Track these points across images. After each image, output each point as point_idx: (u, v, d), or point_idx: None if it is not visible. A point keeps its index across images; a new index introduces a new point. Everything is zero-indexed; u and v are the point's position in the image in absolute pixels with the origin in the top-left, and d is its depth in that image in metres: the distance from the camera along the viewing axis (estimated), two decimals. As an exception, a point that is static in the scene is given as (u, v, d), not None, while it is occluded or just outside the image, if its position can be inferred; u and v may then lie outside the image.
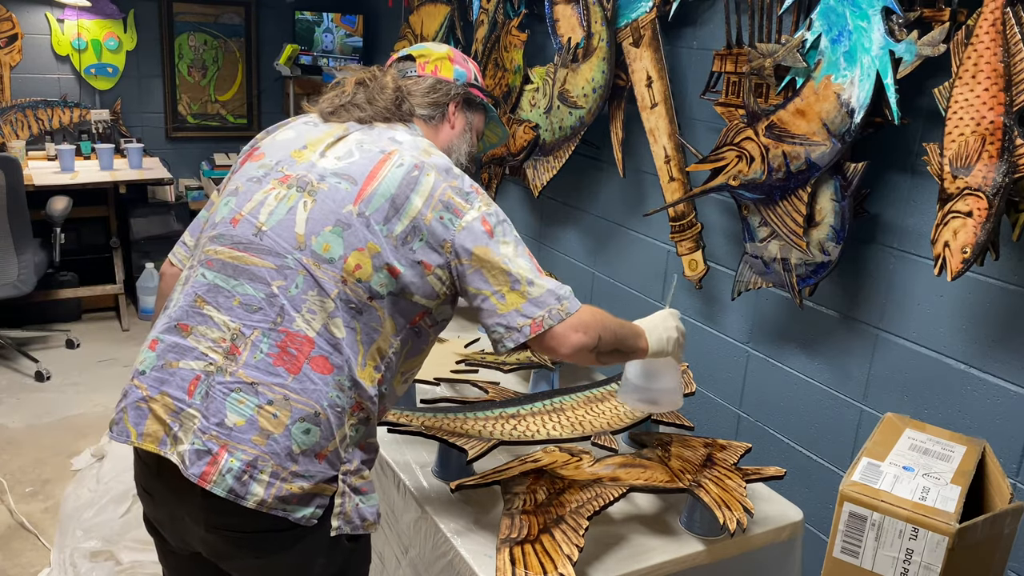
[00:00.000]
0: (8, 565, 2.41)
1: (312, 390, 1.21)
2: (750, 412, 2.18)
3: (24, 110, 4.08)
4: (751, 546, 1.53)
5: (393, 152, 1.32)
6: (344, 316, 1.24)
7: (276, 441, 1.19)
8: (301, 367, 1.21)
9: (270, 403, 1.20)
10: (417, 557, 1.55)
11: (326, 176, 1.30)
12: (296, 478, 1.20)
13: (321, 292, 1.24)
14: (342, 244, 1.25)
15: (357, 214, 1.26)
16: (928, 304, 1.72)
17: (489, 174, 2.98)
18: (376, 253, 1.25)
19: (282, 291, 1.24)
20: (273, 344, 1.22)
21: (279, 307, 1.23)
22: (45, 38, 4.11)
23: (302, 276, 1.24)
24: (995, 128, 1.43)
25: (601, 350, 1.35)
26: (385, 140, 1.35)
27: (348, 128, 1.39)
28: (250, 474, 1.18)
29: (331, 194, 1.28)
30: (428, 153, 1.34)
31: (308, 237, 1.25)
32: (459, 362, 1.99)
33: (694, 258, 2.22)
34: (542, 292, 1.28)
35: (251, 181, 1.34)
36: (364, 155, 1.32)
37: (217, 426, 1.19)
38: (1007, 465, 1.58)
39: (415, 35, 3.33)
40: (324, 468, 1.23)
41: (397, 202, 1.27)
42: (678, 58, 2.23)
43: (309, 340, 1.22)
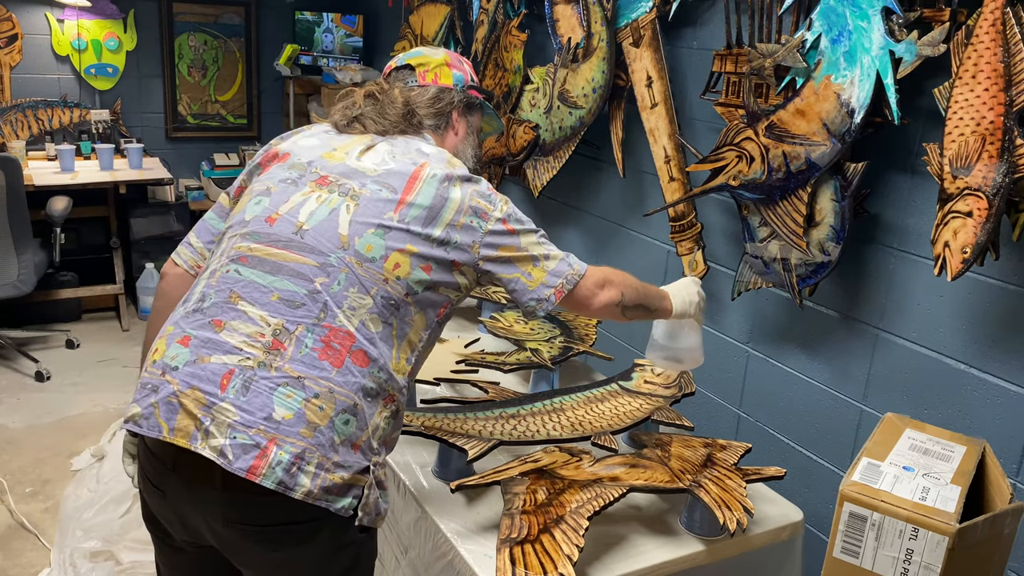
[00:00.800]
0: (8, 565, 2.41)
1: (352, 382, 1.26)
2: (750, 412, 2.18)
3: (24, 110, 4.08)
4: (751, 546, 1.53)
5: (424, 164, 1.39)
6: (382, 312, 1.30)
7: (322, 433, 1.22)
8: (344, 361, 1.26)
9: (316, 396, 1.23)
10: (417, 557, 1.55)
11: (367, 183, 1.36)
12: (338, 468, 1.23)
13: (361, 289, 1.29)
14: (384, 245, 1.31)
15: (398, 220, 1.33)
16: (928, 304, 1.72)
17: (489, 174, 2.98)
18: (415, 254, 1.33)
19: (325, 287, 1.28)
20: (318, 339, 1.26)
21: (322, 303, 1.27)
22: (45, 38, 4.11)
23: (344, 274, 1.29)
24: (995, 128, 1.43)
25: (626, 304, 1.50)
26: (413, 151, 1.42)
27: (373, 138, 1.45)
28: (298, 466, 1.20)
29: (373, 199, 1.34)
30: (452, 164, 1.42)
31: (352, 238, 1.31)
32: (459, 362, 1.99)
33: (694, 258, 2.22)
34: (557, 262, 1.42)
35: (285, 183, 1.39)
36: (399, 164, 1.39)
37: (265, 420, 1.20)
38: (1007, 465, 1.58)
39: (415, 35, 3.33)
40: (359, 458, 1.26)
41: (433, 212, 1.35)
42: (678, 58, 2.23)
43: (350, 334, 1.27)
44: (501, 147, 2.75)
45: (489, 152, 2.83)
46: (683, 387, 1.86)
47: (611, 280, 1.48)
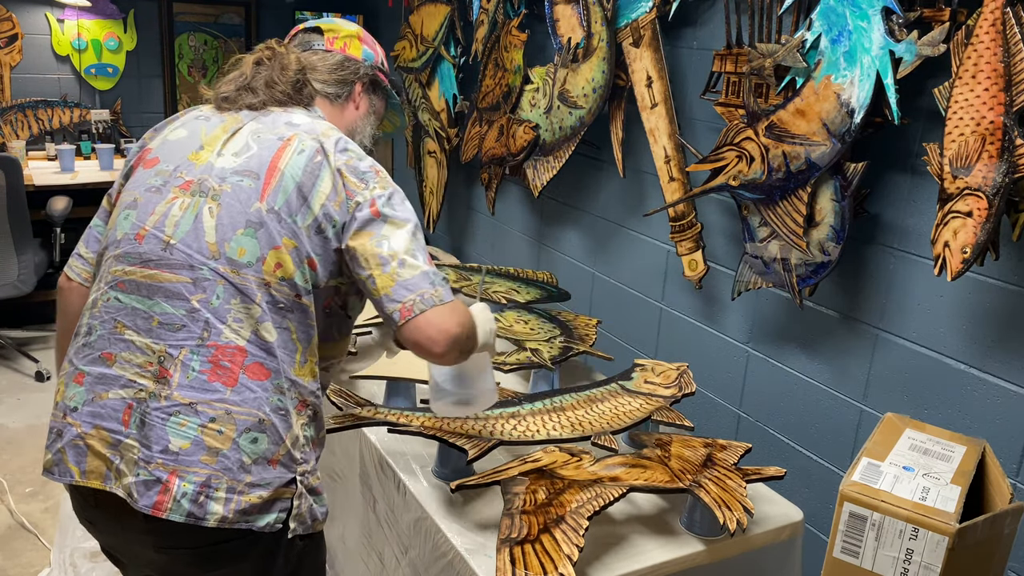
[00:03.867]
0: (8, 565, 2.41)
1: (252, 399, 1.18)
2: (750, 412, 2.18)
3: (24, 110, 4.08)
4: (751, 546, 1.53)
5: (292, 138, 1.27)
6: (273, 318, 1.20)
7: (226, 457, 1.16)
8: (238, 378, 1.18)
9: (212, 420, 1.17)
10: (417, 557, 1.55)
11: (227, 176, 1.24)
12: (253, 488, 1.17)
13: (244, 299, 1.19)
14: (257, 245, 1.20)
15: (267, 210, 1.21)
16: (928, 304, 1.72)
17: (489, 174, 2.98)
18: (294, 248, 1.21)
19: (203, 304, 1.19)
20: (205, 360, 1.18)
21: (203, 321, 1.18)
22: (45, 38, 4.10)
23: (221, 286, 1.19)
24: (995, 128, 1.43)
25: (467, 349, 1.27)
26: (282, 126, 1.30)
27: (242, 119, 1.32)
28: (206, 494, 1.15)
29: (235, 194, 1.22)
30: (327, 135, 1.30)
31: (221, 244, 1.20)
32: (459, 362, 1.99)
33: (694, 258, 2.22)
34: (415, 274, 1.21)
35: (150, 191, 1.27)
36: (262, 145, 1.27)
37: (162, 453, 1.15)
38: (1007, 465, 1.58)
39: (415, 35, 3.33)
40: (280, 473, 1.20)
41: (304, 190, 1.23)
42: (678, 58, 2.23)
43: (241, 349, 1.19)
44: (501, 147, 2.75)
45: (489, 152, 2.83)
46: (683, 387, 1.86)
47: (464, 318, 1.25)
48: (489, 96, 2.85)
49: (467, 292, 2.40)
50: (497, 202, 3.05)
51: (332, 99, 1.43)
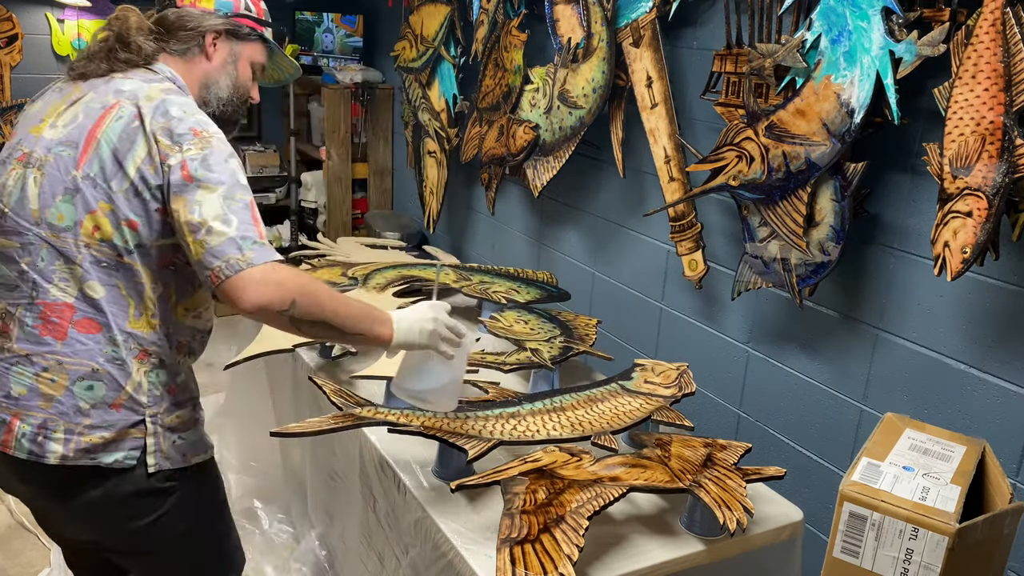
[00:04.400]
0: (8, 565, 2.41)
1: (83, 351, 1.30)
2: (750, 412, 2.18)
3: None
4: (751, 546, 1.53)
5: (114, 105, 1.33)
6: (99, 276, 1.30)
7: (60, 402, 1.30)
8: (67, 332, 1.30)
9: (45, 370, 1.30)
10: (417, 557, 1.55)
11: (52, 147, 1.33)
12: (93, 430, 1.30)
13: (67, 261, 1.30)
14: (74, 211, 1.29)
15: (83, 177, 1.29)
16: (928, 304, 1.72)
17: (489, 174, 2.98)
18: (110, 211, 1.29)
19: (30, 266, 1.31)
20: (36, 317, 1.31)
21: (31, 282, 1.31)
22: (45, 38, 4.10)
23: (45, 249, 1.30)
24: (995, 128, 1.43)
25: (297, 316, 1.27)
26: (110, 93, 1.35)
27: (83, 89, 1.39)
28: (44, 435, 1.30)
29: (56, 164, 1.32)
30: (151, 98, 1.33)
31: (42, 211, 1.31)
32: (459, 362, 1.99)
33: (694, 258, 2.22)
34: (222, 240, 1.23)
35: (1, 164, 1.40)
36: (86, 115, 1.33)
37: (5, 398, 1.32)
38: (1007, 465, 1.58)
39: (415, 35, 3.33)
40: (124, 415, 1.33)
41: (119, 156, 1.29)
42: (678, 58, 2.23)
43: (69, 306, 1.30)
44: (501, 147, 2.75)
45: (489, 152, 2.83)
46: (683, 387, 1.86)
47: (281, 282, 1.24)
48: (489, 96, 2.85)
49: (467, 292, 2.40)
50: (497, 202, 3.05)
51: (181, 54, 1.46)
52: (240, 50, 1.53)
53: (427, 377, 1.48)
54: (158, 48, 1.44)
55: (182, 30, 1.45)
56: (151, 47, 1.43)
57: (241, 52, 1.53)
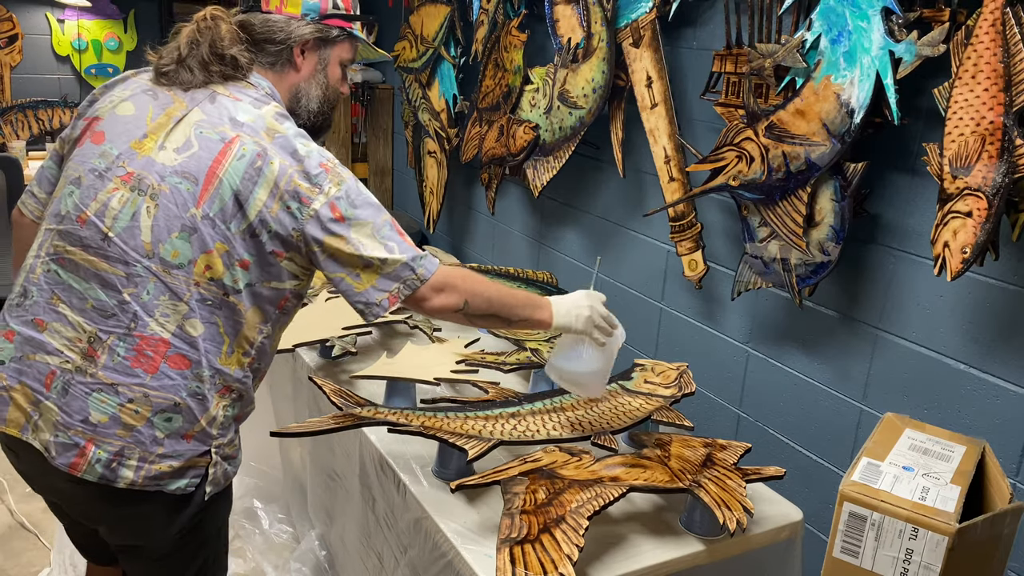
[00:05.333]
0: (8, 565, 2.41)
1: (170, 385, 1.29)
2: (750, 412, 2.18)
3: (24, 110, 4.08)
4: (751, 546, 1.53)
5: (234, 139, 1.29)
6: (202, 313, 1.29)
7: (140, 432, 1.28)
8: (159, 367, 1.28)
9: (131, 401, 1.28)
10: (417, 557, 1.55)
11: (166, 176, 1.29)
12: (164, 459, 1.30)
13: (173, 296, 1.28)
14: (190, 249, 1.28)
15: (202, 216, 1.27)
16: (928, 304, 1.72)
17: (489, 174, 2.98)
18: (225, 252, 1.28)
19: (134, 297, 1.28)
20: (130, 348, 1.28)
21: (132, 313, 1.28)
22: (45, 38, 4.11)
23: (153, 283, 1.28)
24: (995, 128, 1.43)
25: (471, 312, 1.40)
26: (227, 122, 1.31)
27: (186, 105, 1.34)
28: (118, 462, 1.28)
29: (173, 197, 1.28)
30: (271, 133, 1.30)
31: (155, 245, 1.27)
32: (459, 362, 1.99)
33: (694, 258, 2.22)
34: (396, 266, 1.31)
35: (93, 174, 1.33)
36: (204, 146, 1.29)
37: (82, 423, 1.27)
38: (1007, 465, 1.58)
39: (415, 35, 3.33)
40: (193, 446, 1.32)
41: (241, 198, 1.27)
42: (678, 58, 2.23)
43: (164, 341, 1.28)
44: (501, 147, 2.75)
45: (489, 152, 2.83)
46: (683, 387, 1.86)
47: (454, 285, 1.38)
48: (489, 96, 2.85)
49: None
50: (497, 202, 3.05)
51: (269, 67, 1.42)
52: (329, 55, 1.47)
53: (580, 361, 1.59)
54: (251, 59, 1.39)
55: (269, 43, 1.40)
56: (246, 59, 1.38)
57: (330, 56, 1.47)
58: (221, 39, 1.36)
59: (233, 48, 1.36)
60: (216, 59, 1.36)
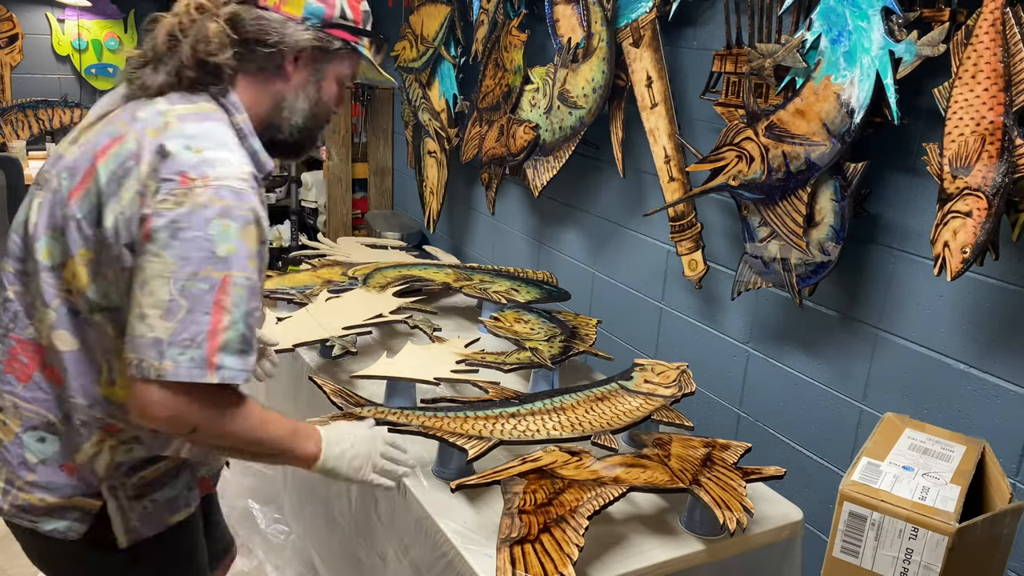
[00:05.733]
0: (8, 565, 2.41)
1: (43, 399, 1.15)
2: (750, 412, 2.18)
3: (25, 110, 4.09)
4: (751, 546, 1.53)
5: (123, 136, 1.10)
6: (72, 328, 1.13)
7: (7, 449, 1.16)
8: (31, 375, 1.15)
9: (1, 410, 1.16)
10: (417, 557, 1.55)
11: (60, 170, 1.14)
12: (35, 488, 1.15)
13: (42, 300, 1.13)
14: (60, 251, 1.12)
15: (70, 216, 1.10)
16: (928, 304, 1.72)
17: (489, 174, 2.99)
18: (89, 260, 1.10)
19: (17, 296, 1.16)
20: (4, 351, 1.16)
21: (12, 312, 1.16)
22: (45, 38, 4.11)
23: (34, 282, 1.14)
24: (995, 128, 1.43)
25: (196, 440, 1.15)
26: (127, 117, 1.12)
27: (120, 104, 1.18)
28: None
29: (55, 192, 1.13)
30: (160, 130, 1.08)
31: (33, 242, 1.13)
32: (459, 362, 1.99)
33: (694, 258, 2.22)
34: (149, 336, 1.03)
35: None
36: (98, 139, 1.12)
37: None
38: (1007, 465, 1.58)
39: (415, 35, 3.33)
40: (74, 482, 1.16)
41: (103, 199, 1.08)
42: (678, 58, 2.23)
43: (39, 348, 1.15)
44: (501, 147, 2.75)
45: (489, 152, 2.83)
46: (683, 387, 1.86)
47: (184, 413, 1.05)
48: (489, 96, 2.85)
49: (467, 292, 2.40)
50: (497, 202, 3.05)
51: (253, 73, 1.18)
52: (326, 69, 1.24)
53: None
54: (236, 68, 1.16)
55: (259, 44, 1.16)
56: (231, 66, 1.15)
57: (327, 71, 1.24)
58: (207, 41, 1.12)
59: (221, 55, 1.13)
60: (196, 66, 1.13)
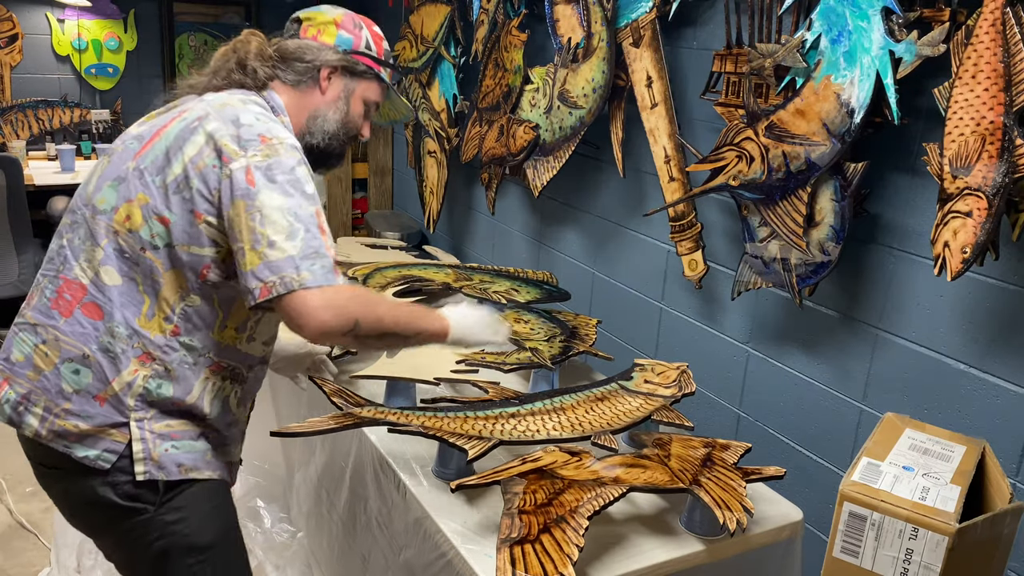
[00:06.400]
0: (8, 565, 2.41)
1: (80, 333, 1.29)
2: (750, 412, 2.18)
3: (25, 110, 4.08)
4: (751, 546, 1.53)
5: (187, 110, 1.35)
6: (118, 264, 1.30)
7: (47, 378, 1.30)
8: (73, 311, 1.30)
9: (44, 342, 1.31)
10: (416, 557, 1.55)
11: (126, 139, 1.38)
12: (70, 416, 1.29)
13: (93, 241, 1.31)
14: (115, 196, 1.31)
15: (133, 168, 1.31)
16: (928, 304, 1.72)
17: (489, 174, 2.99)
18: (145, 203, 1.29)
19: (68, 243, 1.34)
20: (53, 290, 1.33)
21: (63, 256, 1.34)
22: (45, 38, 4.11)
23: (84, 229, 1.33)
24: (995, 128, 1.43)
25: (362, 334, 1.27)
26: (193, 101, 1.39)
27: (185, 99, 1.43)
28: (24, 406, 1.31)
29: (122, 154, 1.35)
30: (223, 105, 1.32)
31: (94, 194, 1.34)
32: (459, 362, 1.99)
33: (694, 258, 2.22)
34: (281, 258, 1.19)
35: None
36: (164, 119, 1.37)
37: (3, 360, 1.35)
38: (1007, 465, 1.58)
39: (415, 35, 3.33)
40: (106, 411, 1.29)
41: (171, 152, 1.29)
42: (678, 58, 2.23)
43: (82, 286, 1.31)
44: (501, 147, 2.75)
45: (489, 152, 2.83)
46: (683, 387, 1.86)
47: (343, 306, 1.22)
48: (489, 96, 2.85)
49: (467, 292, 2.40)
50: (497, 202, 3.05)
51: (295, 84, 1.46)
52: (355, 87, 1.52)
53: None
54: (272, 74, 1.45)
55: (299, 61, 1.46)
56: (266, 72, 1.44)
57: (355, 89, 1.52)
58: (248, 53, 1.44)
59: (256, 61, 1.43)
60: (238, 68, 1.43)
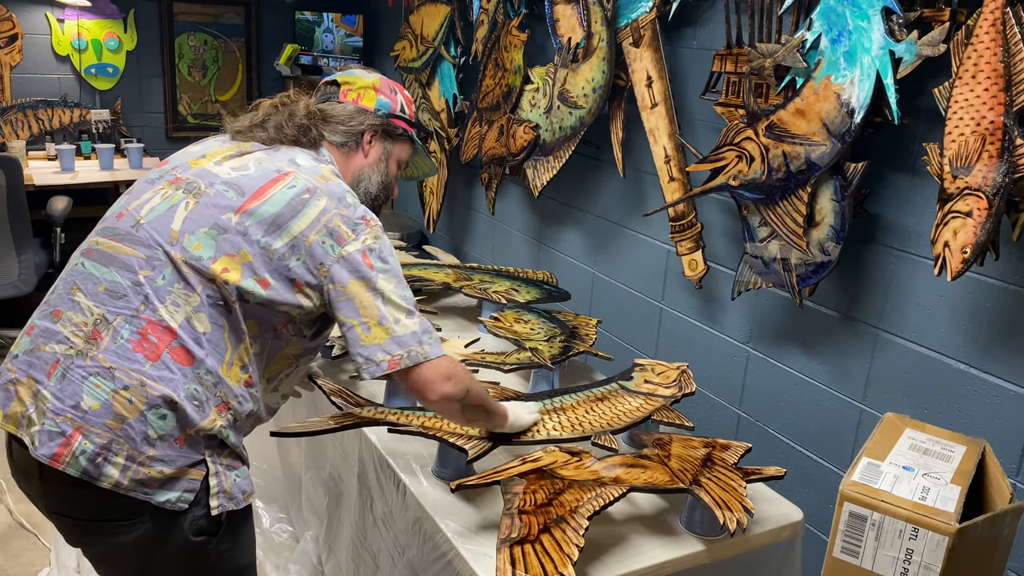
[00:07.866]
0: (8, 565, 2.41)
1: (169, 379, 1.24)
2: (750, 412, 2.18)
3: (24, 110, 4.08)
4: (751, 546, 1.53)
5: (289, 173, 1.35)
6: (210, 312, 1.27)
7: (131, 426, 1.22)
8: (161, 355, 1.25)
9: (126, 388, 1.23)
10: (416, 557, 1.55)
11: (216, 183, 1.34)
12: (154, 462, 1.23)
13: (187, 286, 1.27)
14: (214, 247, 1.28)
15: (236, 223, 1.29)
16: (928, 304, 1.72)
17: (489, 174, 2.98)
18: (247, 262, 1.28)
19: (148, 280, 1.27)
20: (134, 331, 1.25)
21: (144, 295, 1.26)
22: (45, 38, 4.10)
23: (170, 269, 1.27)
24: (995, 128, 1.43)
25: (468, 403, 1.41)
26: (284, 161, 1.39)
27: (252, 146, 1.43)
28: (104, 456, 1.21)
29: (215, 199, 1.31)
30: (325, 179, 1.37)
31: (182, 235, 1.29)
32: (459, 362, 1.99)
33: (694, 258, 2.22)
34: (406, 332, 1.31)
35: (145, 182, 1.40)
36: (260, 171, 1.35)
37: (72, 408, 1.21)
38: (1007, 465, 1.58)
39: (415, 35, 3.33)
40: (187, 452, 1.26)
41: (280, 220, 1.30)
42: (678, 58, 2.23)
43: (171, 330, 1.25)
44: (501, 147, 2.75)
45: (489, 152, 2.83)
46: (683, 387, 1.86)
47: (454, 374, 1.37)
48: (489, 96, 2.85)
49: (467, 292, 2.40)
50: (497, 202, 3.05)
51: (340, 146, 1.51)
52: (392, 149, 1.58)
53: None
54: (321, 134, 1.48)
55: (343, 124, 1.50)
56: (316, 132, 1.47)
57: (392, 151, 1.59)
58: (297, 111, 1.47)
59: (307, 120, 1.46)
60: (289, 125, 1.45)
